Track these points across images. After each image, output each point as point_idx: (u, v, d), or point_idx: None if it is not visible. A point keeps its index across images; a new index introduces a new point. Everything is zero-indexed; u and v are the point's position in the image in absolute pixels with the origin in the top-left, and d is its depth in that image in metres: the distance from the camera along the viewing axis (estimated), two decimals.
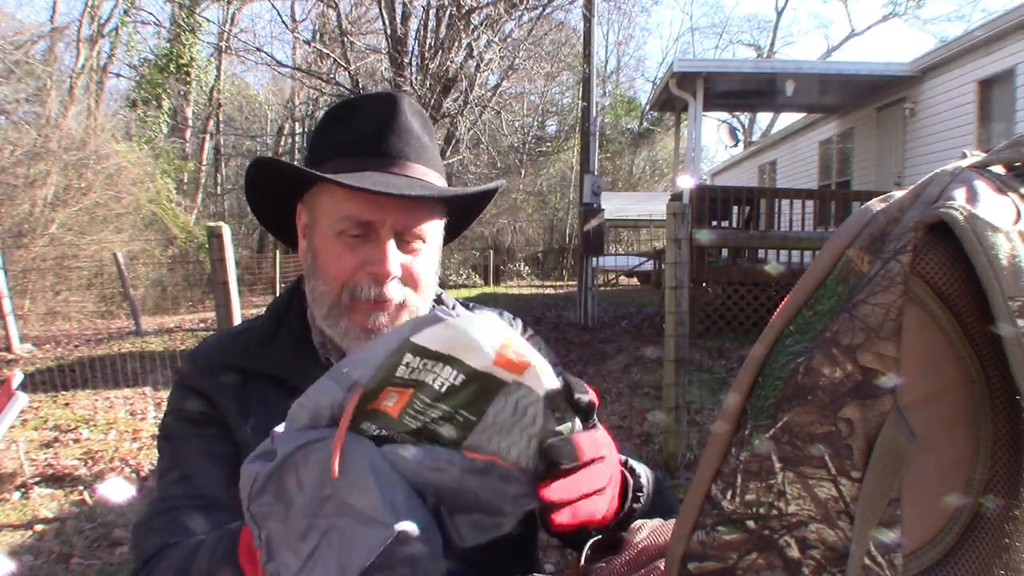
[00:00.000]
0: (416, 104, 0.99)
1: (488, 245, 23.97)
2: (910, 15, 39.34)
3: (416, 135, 0.96)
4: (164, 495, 0.92)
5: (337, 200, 0.91)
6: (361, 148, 0.94)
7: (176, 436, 0.96)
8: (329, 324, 0.94)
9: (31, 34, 18.64)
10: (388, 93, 0.98)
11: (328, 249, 0.92)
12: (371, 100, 0.98)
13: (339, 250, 0.92)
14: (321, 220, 0.93)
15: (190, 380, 0.98)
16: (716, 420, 0.53)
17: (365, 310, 0.92)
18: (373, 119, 0.95)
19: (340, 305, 0.92)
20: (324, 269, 0.93)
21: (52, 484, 3.97)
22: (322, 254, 0.93)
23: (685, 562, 0.52)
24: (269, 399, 0.95)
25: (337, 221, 0.91)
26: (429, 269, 0.96)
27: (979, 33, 8.79)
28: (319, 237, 0.94)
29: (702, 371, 6.31)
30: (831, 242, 0.52)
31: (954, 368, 0.45)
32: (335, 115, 0.99)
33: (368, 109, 0.96)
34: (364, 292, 0.91)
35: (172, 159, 19.82)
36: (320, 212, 0.94)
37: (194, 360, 1.00)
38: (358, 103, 0.98)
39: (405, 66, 9.46)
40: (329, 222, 0.92)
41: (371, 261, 0.91)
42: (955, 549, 0.46)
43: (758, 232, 9.16)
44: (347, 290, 0.92)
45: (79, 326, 11.39)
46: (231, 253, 3.29)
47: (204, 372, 0.97)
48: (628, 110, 31.31)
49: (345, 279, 0.92)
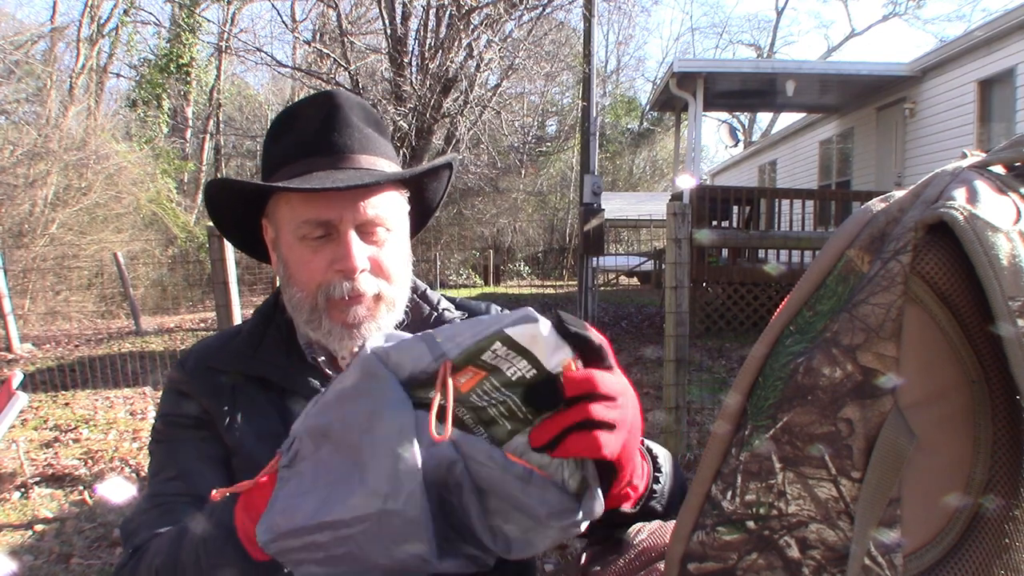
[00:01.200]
0: (356, 98, 1.00)
1: (488, 245, 23.95)
2: (910, 15, 39.35)
3: (357, 128, 0.96)
4: (155, 492, 0.93)
5: (293, 207, 0.92)
6: (305, 150, 0.94)
7: (167, 440, 0.96)
8: (312, 327, 0.95)
9: (31, 34, 18.64)
10: (325, 92, 0.99)
11: (295, 256, 0.93)
12: (309, 102, 0.98)
13: (305, 255, 0.92)
14: (283, 229, 0.94)
15: (180, 384, 0.98)
16: (716, 420, 0.53)
17: (343, 307, 0.92)
18: (313, 120, 0.96)
19: (318, 308, 0.93)
20: (296, 276, 0.94)
21: (52, 484, 3.98)
22: (291, 262, 0.94)
23: (685, 562, 0.52)
24: (258, 402, 0.95)
25: (297, 227, 0.92)
26: (398, 257, 0.97)
27: (979, 33, 8.79)
28: (285, 247, 0.95)
29: (702, 371, 6.31)
30: (831, 242, 0.52)
31: (954, 368, 0.45)
32: (277, 124, 1.00)
33: (307, 111, 0.97)
34: (337, 290, 0.92)
35: (172, 159, 19.82)
36: (281, 222, 0.95)
37: (183, 365, 1.00)
38: (297, 108, 0.99)
39: (405, 66, 9.45)
40: (290, 229, 0.93)
41: (337, 259, 0.91)
42: (955, 549, 0.46)
43: (758, 232, 9.16)
44: (321, 292, 0.92)
45: (79, 326, 11.39)
46: (231, 253, 3.29)
47: (194, 376, 0.98)
48: (628, 110, 31.32)
49: (318, 281, 0.92)
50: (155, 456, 0.97)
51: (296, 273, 0.94)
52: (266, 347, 0.99)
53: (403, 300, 0.99)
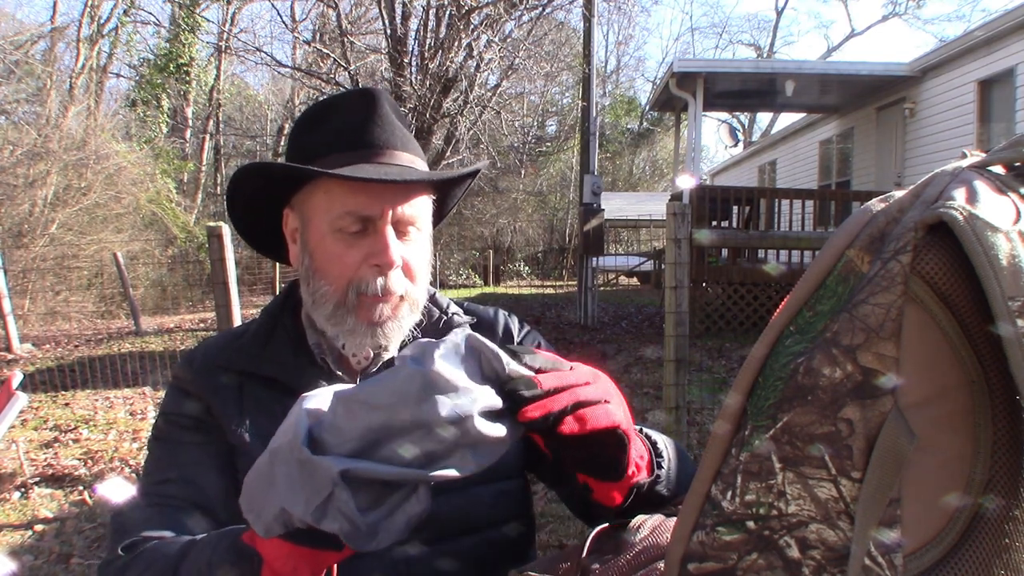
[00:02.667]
0: (391, 97, 1.00)
1: (488, 245, 23.96)
2: (910, 15, 39.30)
3: (398, 125, 0.96)
4: (150, 491, 0.92)
5: (333, 196, 0.91)
6: (348, 143, 0.93)
7: (168, 439, 0.95)
8: (334, 323, 0.93)
9: (31, 34, 18.65)
10: (366, 88, 0.99)
11: (326, 248, 0.92)
12: (350, 96, 0.98)
13: (339, 248, 0.91)
14: (316, 219, 0.93)
15: (185, 383, 0.97)
16: (716, 420, 0.53)
17: (370, 304, 0.91)
18: (355, 113, 0.95)
19: (347, 304, 0.92)
20: (325, 269, 0.92)
21: (52, 484, 3.97)
22: (320, 254, 0.92)
23: (685, 563, 0.52)
24: (265, 401, 0.94)
25: (336, 218, 0.90)
26: (424, 258, 0.97)
27: (979, 33, 8.79)
28: (315, 237, 0.93)
29: (702, 371, 6.31)
30: (831, 242, 0.52)
31: (954, 368, 0.45)
32: (314, 115, 0.98)
33: (348, 104, 0.96)
34: (371, 287, 0.91)
35: (172, 159, 19.80)
36: (314, 211, 0.93)
37: (189, 362, 0.99)
38: (336, 101, 0.98)
39: (405, 66, 9.45)
40: (327, 219, 0.91)
41: (373, 253, 0.90)
42: (955, 549, 0.46)
43: (758, 232, 9.16)
44: (353, 287, 0.91)
45: (79, 326, 11.39)
46: (231, 253, 3.29)
47: (199, 374, 0.97)
48: (628, 110, 31.32)
49: (351, 276, 0.91)
50: (153, 453, 0.96)
51: (326, 265, 0.92)
52: (274, 346, 0.98)
53: (423, 301, 0.99)
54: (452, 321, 1.04)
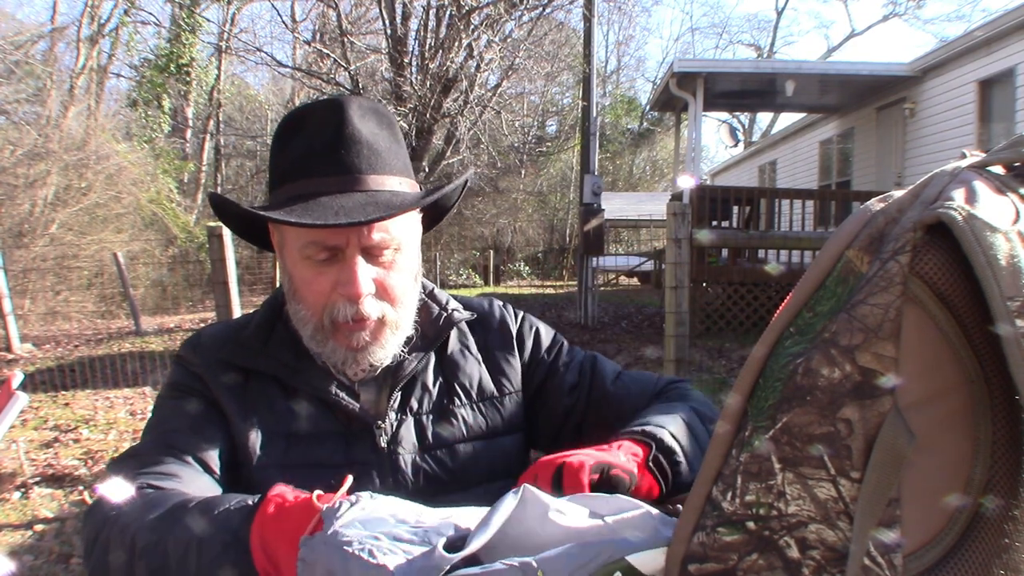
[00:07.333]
0: (367, 103, 0.96)
1: (488, 245, 23.96)
2: (910, 15, 39.33)
3: (367, 143, 0.92)
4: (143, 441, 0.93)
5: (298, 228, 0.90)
6: (312, 169, 0.91)
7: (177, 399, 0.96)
8: (316, 344, 0.94)
9: (31, 34, 18.65)
10: (333, 100, 0.94)
11: (300, 273, 0.93)
12: (317, 112, 0.94)
13: (310, 274, 0.91)
14: (288, 244, 0.93)
15: (193, 366, 0.98)
16: (717, 421, 0.53)
17: (347, 331, 0.92)
18: (320, 133, 0.92)
19: (323, 329, 0.93)
20: (301, 293, 0.93)
21: (52, 484, 3.97)
22: (296, 278, 0.94)
23: (686, 563, 0.52)
24: (270, 397, 0.95)
25: (303, 246, 0.91)
26: (405, 279, 0.95)
27: (979, 33, 8.79)
28: (290, 260, 0.94)
29: (702, 371, 6.31)
30: (830, 243, 0.52)
31: (953, 368, 0.45)
32: (285, 130, 0.96)
33: (316, 120, 0.93)
34: (341, 313, 0.91)
35: (172, 159, 19.81)
36: (285, 236, 0.94)
37: (195, 347, 1.00)
38: (305, 116, 0.94)
39: (405, 66, 9.45)
40: (296, 246, 0.91)
41: (341, 282, 0.90)
42: (955, 549, 0.46)
43: (758, 232, 9.16)
44: (326, 313, 0.92)
45: (79, 326, 11.39)
46: (231, 253, 3.30)
47: (207, 366, 0.97)
48: (628, 110, 31.30)
49: (323, 303, 0.92)
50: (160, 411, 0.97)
51: (301, 290, 0.93)
52: (274, 343, 0.99)
53: (409, 320, 0.98)
54: (452, 317, 1.05)
